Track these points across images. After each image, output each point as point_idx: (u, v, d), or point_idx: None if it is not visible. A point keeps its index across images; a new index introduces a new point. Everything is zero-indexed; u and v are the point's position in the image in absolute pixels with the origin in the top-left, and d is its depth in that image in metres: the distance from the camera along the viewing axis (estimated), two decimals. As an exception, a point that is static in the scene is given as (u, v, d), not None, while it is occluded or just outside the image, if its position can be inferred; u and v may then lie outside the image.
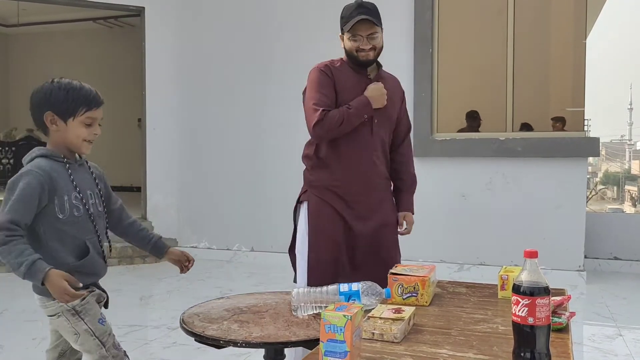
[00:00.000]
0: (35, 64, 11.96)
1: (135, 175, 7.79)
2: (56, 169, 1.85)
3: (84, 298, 1.87)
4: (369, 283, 1.94)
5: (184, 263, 2.14)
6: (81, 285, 1.78)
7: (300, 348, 2.04)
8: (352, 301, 1.85)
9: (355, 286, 1.92)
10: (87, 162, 2.02)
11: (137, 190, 9.08)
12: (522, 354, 1.35)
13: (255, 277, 5.28)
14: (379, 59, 2.53)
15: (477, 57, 5.63)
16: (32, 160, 1.87)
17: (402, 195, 2.66)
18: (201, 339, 1.81)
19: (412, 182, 2.69)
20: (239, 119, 6.08)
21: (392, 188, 2.66)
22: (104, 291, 2.02)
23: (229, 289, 4.71)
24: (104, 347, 1.88)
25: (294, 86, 5.85)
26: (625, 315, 4.03)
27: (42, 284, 1.69)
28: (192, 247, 6.21)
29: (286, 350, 2.02)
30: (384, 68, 2.58)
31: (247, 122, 6.06)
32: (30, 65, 12.03)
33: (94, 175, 1.99)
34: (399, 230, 2.63)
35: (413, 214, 2.67)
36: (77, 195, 1.87)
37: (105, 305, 2.04)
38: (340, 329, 1.33)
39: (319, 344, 1.36)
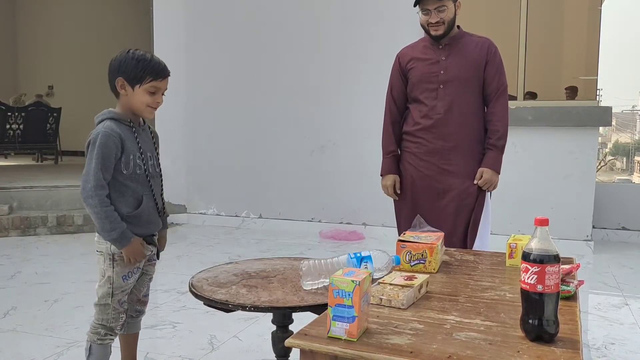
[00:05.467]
0: (42, 28, 11.90)
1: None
2: (124, 130, 2.04)
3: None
4: (378, 252, 1.96)
5: (159, 248, 2.25)
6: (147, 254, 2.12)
7: None
8: (364, 264, 1.87)
9: (365, 252, 1.94)
10: (149, 127, 2.21)
11: (145, 156, 9.13)
12: (530, 321, 1.35)
13: (263, 243, 5.32)
14: (460, 25, 2.82)
15: (489, 23, 5.54)
16: (102, 121, 2.05)
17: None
18: (210, 302, 1.83)
19: (498, 139, 2.80)
20: (249, 84, 6.04)
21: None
22: (154, 245, 2.20)
23: (237, 255, 4.75)
24: (112, 297, 2.06)
25: (306, 51, 5.83)
26: (632, 285, 4.04)
27: (120, 248, 2.01)
28: (201, 213, 6.25)
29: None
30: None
31: (258, 87, 6.02)
32: (38, 30, 11.97)
33: (153, 140, 2.19)
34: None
35: (495, 171, 2.82)
36: (140, 155, 2.07)
37: (157, 256, 2.24)
38: (349, 294, 1.34)
39: (326, 309, 1.37)
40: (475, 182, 2.77)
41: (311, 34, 5.74)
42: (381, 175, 2.94)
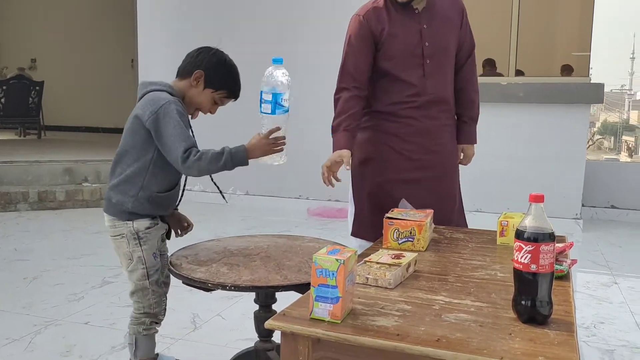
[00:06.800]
0: (25, 1, 11.60)
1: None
2: (183, 109, 1.95)
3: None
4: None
5: (183, 224, 2.19)
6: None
7: None
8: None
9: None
10: None
11: (130, 131, 8.97)
12: (522, 302, 1.29)
13: (249, 220, 5.24)
14: None
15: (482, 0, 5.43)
16: (159, 91, 1.93)
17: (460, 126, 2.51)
18: (189, 281, 1.76)
19: (475, 110, 2.50)
20: (234, 55, 5.89)
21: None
22: (167, 223, 2.11)
23: (222, 232, 4.67)
24: (148, 279, 1.96)
25: (291, 36, 5.68)
26: (621, 263, 4.02)
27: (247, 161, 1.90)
28: (187, 190, 6.12)
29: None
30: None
31: (243, 59, 5.87)
32: (20, 3, 11.67)
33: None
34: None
35: (474, 144, 2.54)
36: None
37: (167, 236, 2.14)
38: (333, 274, 1.27)
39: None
40: (459, 161, 2.52)
41: (294, 23, 5.60)
42: (335, 150, 2.28)
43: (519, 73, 5.30)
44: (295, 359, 1.28)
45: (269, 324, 1.28)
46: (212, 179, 2.13)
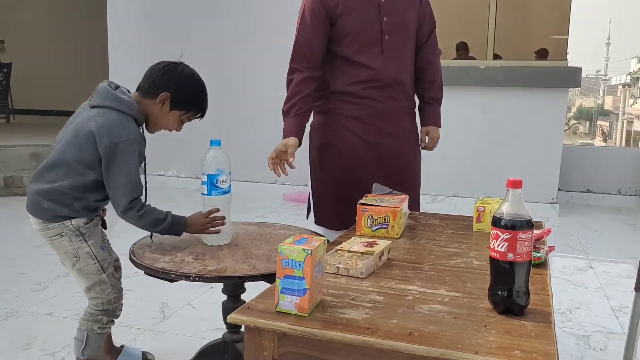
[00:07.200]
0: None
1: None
2: (140, 135, 1.87)
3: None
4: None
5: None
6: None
7: None
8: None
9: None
10: None
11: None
12: (499, 292, 1.23)
13: (224, 206, 5.13)
14: None
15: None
16: (126, 115, 1.80)
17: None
18: (151, 271, 1.67)
19: (437, 91, 2.40)
20: (206, 37, 5.75)
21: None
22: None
23: (196, 218, 4.57)
24: (104, 272, 1.87)
25: (264, 27, 5.55)
26: (596, 248, 4.02)
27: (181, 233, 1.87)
28: (160, 174, 6.02)
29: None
30: None
31: (216, 41, 5.74)
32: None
33: None
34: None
35: (439, 127, 2.43)
36: (144, 165, 1.91)
37: (104, 226, 2.03)
38: (299, 265, 1.19)
39: (276, 279, 1.22)
40: (422, 144, 2.41)
41: (263, 19, 5.49)
42: (284, 137, 2.18)
43: (496, 57, 5.26)
44: (259, 354, 1.21)
45: (231, 317, 1.20)
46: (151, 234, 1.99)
